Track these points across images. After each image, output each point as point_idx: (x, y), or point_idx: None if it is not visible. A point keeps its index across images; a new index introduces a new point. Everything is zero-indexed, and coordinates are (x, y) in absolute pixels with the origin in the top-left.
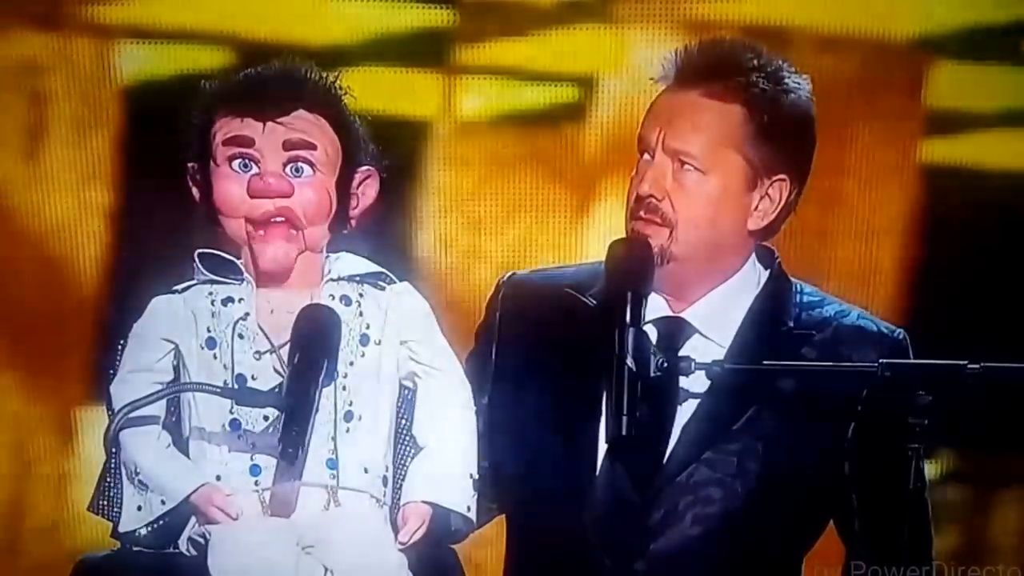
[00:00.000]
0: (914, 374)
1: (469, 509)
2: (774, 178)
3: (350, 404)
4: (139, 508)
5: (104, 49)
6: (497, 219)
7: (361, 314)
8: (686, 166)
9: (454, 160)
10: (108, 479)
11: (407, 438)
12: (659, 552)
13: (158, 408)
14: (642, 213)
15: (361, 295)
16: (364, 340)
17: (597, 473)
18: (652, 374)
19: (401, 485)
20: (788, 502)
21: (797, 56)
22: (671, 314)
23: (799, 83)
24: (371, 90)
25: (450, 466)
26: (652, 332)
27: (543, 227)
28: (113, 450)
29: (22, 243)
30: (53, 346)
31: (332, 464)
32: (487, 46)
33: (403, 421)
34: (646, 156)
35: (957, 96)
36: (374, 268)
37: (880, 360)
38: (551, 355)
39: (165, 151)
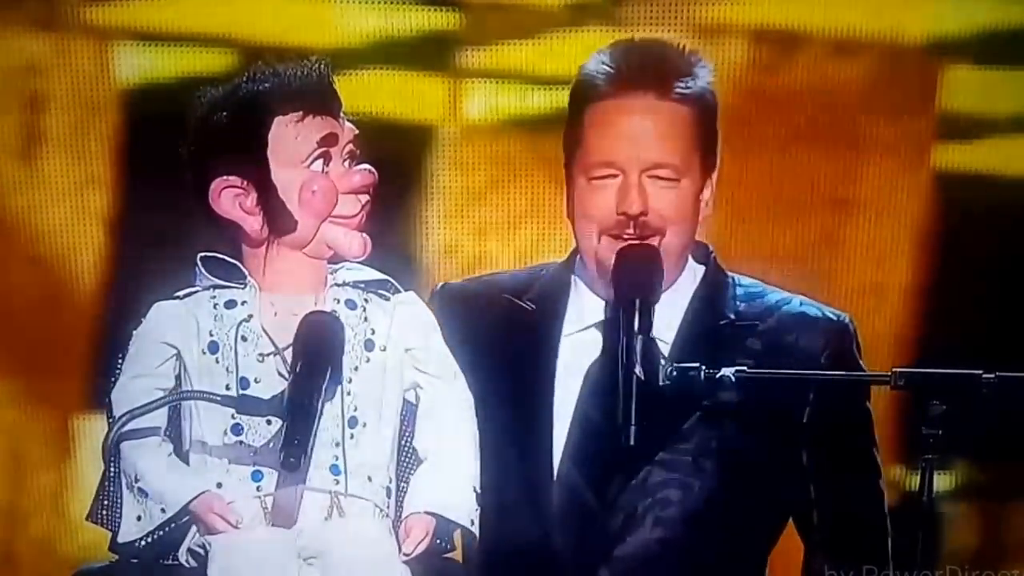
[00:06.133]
0: (929, 383)
1: (473, 523)
2: (712, 171)
3: (355, 410)
4: (139, 518)
5: (102, 51)
6: (503, 224)
7: (366, 319)
8: (661, 176)
9: (459, 164)
10: (107, 488)
11: (409, 450)
12: (623, 557)
13: (159, 415)
14: (630, 231)
15: (367, 301)
16: (369, 345)
17: (554, 479)
18: (661, 383)
19: (403, 498)
20: (748, 498)
21: (808, 59)
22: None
23: (711, 72)
24: (376, 93)
25: (453, 478)
26: (595, 336)
27: (549, 232)
28: (112, 458)
29: (20, 247)
30: (51, 354)
31: (336, 470)
32: (493, 49)
33: (406, 432)
34: (610, 174)
35: (971, 100)
36: (379, 276)
37: (893, 368)
38: (493, 363)
39: (165, 154)
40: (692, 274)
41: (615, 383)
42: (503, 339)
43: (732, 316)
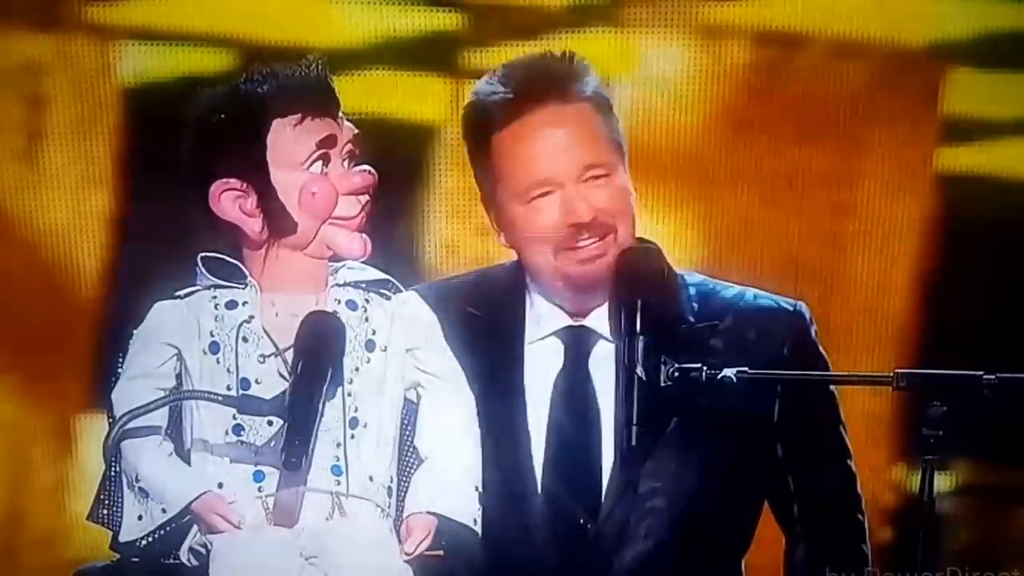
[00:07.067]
0: (930, 384)
1: (475, 522)
2: (624, 160)
3: (355, 411)
4: (140, 517)
5: (104, 50)
6: None
7: (367, 319)
8: (595, 176)
9: (460, 164)
10: (108, 487)
11: (411, 449)
12: (620, 570)
13: (159, 415)
14: (585, 238)
15: (367, 301)
16: (370, 346)
17: (539, 491)
18: (663, 383)
19: (404, 497)
20: (730, 497)
21: (811, 61)
22: (572, 323)
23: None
24: (378, 93)
25: (455, 477)
26: (556, 344)
27: None
28: (113, 458)
29: (21, 247)
30: (52, 352)
31: (338, 471)
32: (495, 49)
33: (407, 432)
34: (547, 191)
35: (974, 103)
36: (380, 276)
37: (896, 370)
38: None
39: (166, 154)
40: None
41: (589, 392)
42: (463, 350)
43: (692, 319)
